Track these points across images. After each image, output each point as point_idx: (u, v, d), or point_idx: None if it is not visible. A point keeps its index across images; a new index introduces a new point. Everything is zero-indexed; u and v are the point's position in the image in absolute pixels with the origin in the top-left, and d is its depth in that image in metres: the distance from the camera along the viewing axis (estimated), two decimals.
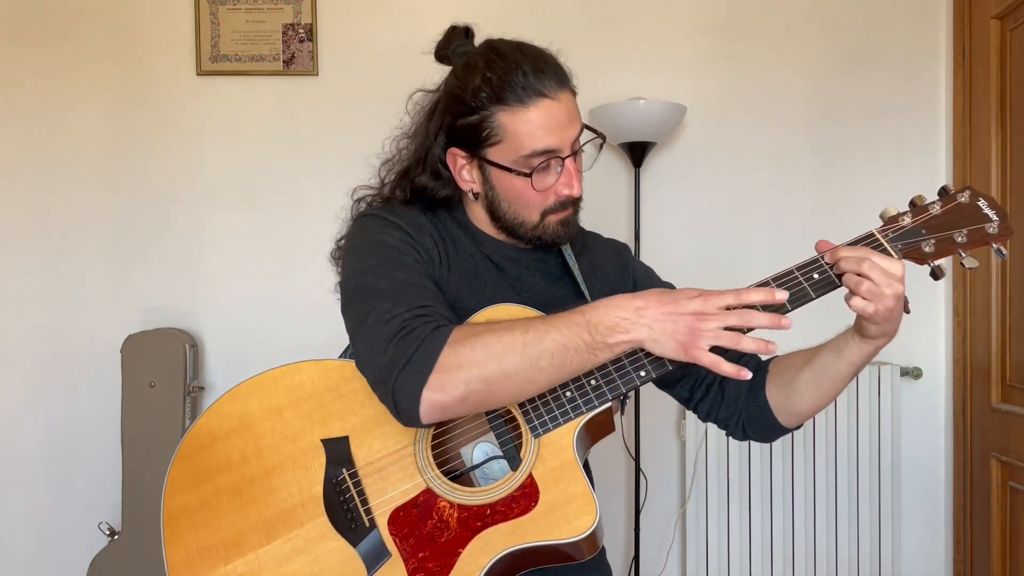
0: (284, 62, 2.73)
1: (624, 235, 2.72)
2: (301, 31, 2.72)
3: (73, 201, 2.73)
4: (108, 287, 2.72)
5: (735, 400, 1.31)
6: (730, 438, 1.37)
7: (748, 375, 1.08)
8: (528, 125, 1.17)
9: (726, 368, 1.07)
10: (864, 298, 1.09)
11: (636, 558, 2.61)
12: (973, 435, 2.60)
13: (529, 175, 1.19)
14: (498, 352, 1.07)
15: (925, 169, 2.72)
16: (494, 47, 1.23)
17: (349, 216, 1.34)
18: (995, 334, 2.48)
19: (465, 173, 1.26)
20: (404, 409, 1.07)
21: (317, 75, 2.74)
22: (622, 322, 1.08)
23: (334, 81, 2.74)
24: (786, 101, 2.74)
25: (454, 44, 1.28)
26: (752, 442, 1.38)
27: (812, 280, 1.13)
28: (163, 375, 2.54)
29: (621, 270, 1.40)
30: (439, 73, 1.33)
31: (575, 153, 1.21)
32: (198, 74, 2.73)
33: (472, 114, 1.19)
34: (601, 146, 1.29)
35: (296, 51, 2.73)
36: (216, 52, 2.73)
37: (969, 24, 2.61)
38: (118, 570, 2.51)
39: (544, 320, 1.10)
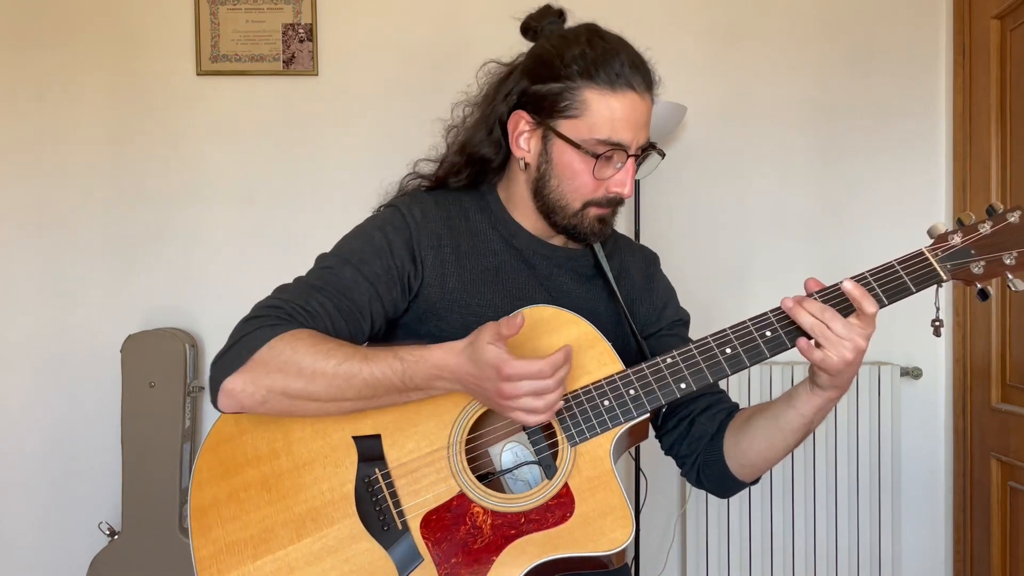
0: (284, 62, 2.73)
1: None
2: (301, 31, 2.72)
3: (73, 201, 2.73)
4: (108, 287, 2.73)
5: (698, 440, 1.28)
6: (687, 480, 1.34)
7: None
8: (611, 111, 1.16)
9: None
10: (821, 346, 1.08)
11: (636, 558, 2.61)
12: (973, 435, 2.60)
13: (596, 156, 1.17)
14: (308, 374, 1.08)
15: (925, 169, 2.72)
16: (597, 30, 1.24)
17: (399, 187, 1.33)
18: (995, 334, 2.48)
19: (523, 140, 1.22)
20: (211, 390, 1.12)
21: (317, 75, 2.73)
22: (435, 380, 1.10)
23: (334, 81, 2.74)
24: (786, 102, 2.74)
25: (547, 20, 1.27)
26: (708, 492, 1.35)
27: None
28: (163, 375, 2.54)
29: (648, 280, 1.37)
30: (439, 75, 1.32)
31: (638, 156, 1.20)
32: (198, 74, 2.73)
33: (556, 81, 1.18)
34: (659, 162, 1.29)
35: (296, 51, 2.73)
36: (216, 52, 2.73)
37: (969, 24, 2.61)
38: (118, 570, 2.51)
39: (363, 356, 1.10)
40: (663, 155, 1.29)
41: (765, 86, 2.73)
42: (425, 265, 1.22)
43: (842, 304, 1.10)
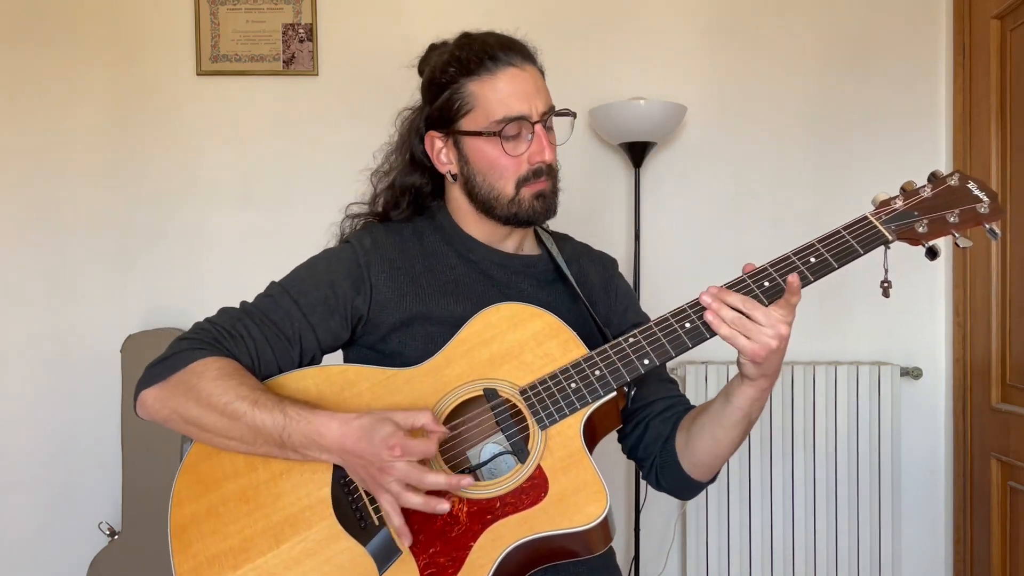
0: (284, 62, 2.73)
1: (624, 235, 2.72)
2: (301, 31, 2.72)
3: (73, 201, 2.73)
4: (108, 287, 2.72)
5: (653, 443, 1.30)
6: (650, 485, 1.35)
7: (444, 508, 1.08)
8: (497, 92, 1.22)
9: (396, 522, 1.10)
10: (746, 336, 1.09)
11: (636, 558, 2.61)
12: (973, 435, 2.60)
13: (498, 135, 1.21)
14: (204, 404, 1.13)
15: (925, 169, 2.67)
16: (465, 33, 1.29)
17: (339, 231, 1.38)
18: (995, 334, 2.48)
19: (443, 156, 1.29)
20: (135, 396, 1.19)
21: (317, 75, 2.74)
22: (313, 446, 1.11)
23: (334, 81, 2.74)
24: (786, 101, 2.74)
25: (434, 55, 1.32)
26: (670, 495, 1.36)
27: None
28: None
29: (605, 283, 1.40)
30: None
31: (544, 122, 1.25)
32: (198, 74, 2.73)
33: (444, 90, 1.25)
34: (573, 123, 1.31)
35: (296, 51, 2.73)
36: (216, 52, 2.73)
37: (969, 24, 2.61)
38: (118, 570, 2.51)
39: (254, 402, 1.12)
40: (575, 115, 1.31)
41: (765, 86, 2.73)
42: (376, 289, 1.25)
43: (772, 290, 1.12)
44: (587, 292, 1.36)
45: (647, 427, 1.31)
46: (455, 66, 1.24)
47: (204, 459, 1.19)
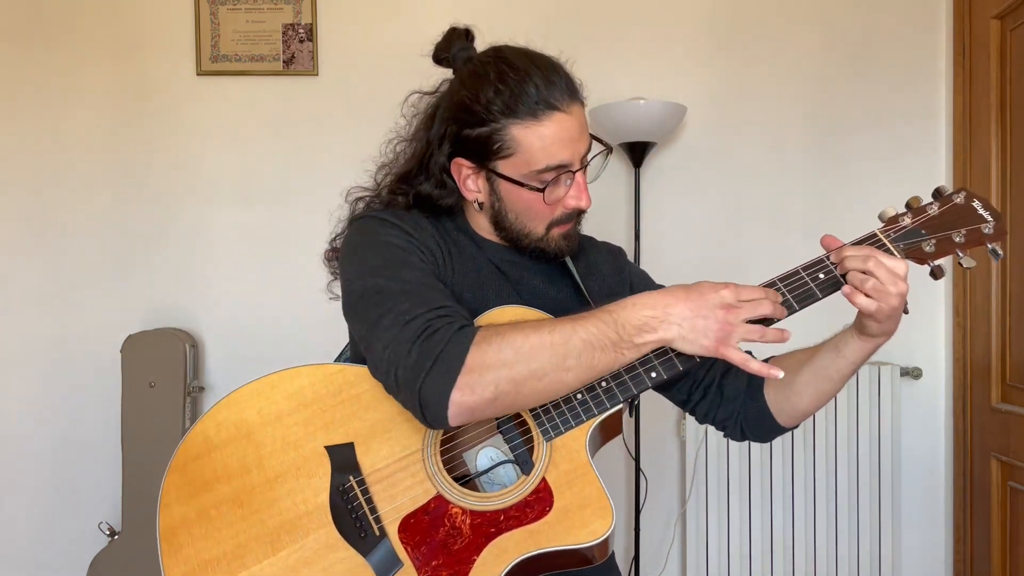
0: (284, 62, 2.73)
1: (624, 235, 2.72)
2: (301, 31, 2.72)
3: (73, 201, 2.73)
4: (108, 287, 2.73)
5: (733, 401, 1.30)
6: (728, 439, 1.36)
7: (779, 374, 1.09)
8: (542, 140, 1.15)
9: (755, 366, 1.08)
10: (868, 295, 1.09)
11: (636, 558, 2.61)
12: (973, 435, 2.60)
13: (541, 190, 1.17)
14: (526, 352, 1.05)
15: (925, 169, 2.72)
16: (503, 56, 1.20)
17: (345, 216, 1.32)
18: (995, 334, 2.48)
19: (471, 183, 1.24)
20: (432, 411, 1.04)
21: (317, 75, 2.74)
22: (651, 320, 1.07)
23: (334, 81, 2.74)
24: (786, 101, 2.74)
25: (455, 47, 1.26)
26: (751, 442, 1.37)
27: (818, 280, 1.13)
28: (163, 375, 2.54)
29: (617, 271, 1.40)
30: (438, 73, 1.32)
31: (584, 167, 1.21)
32: (198, 74, 2.73)
33: (482, 126, 1.17)
34: (608, 156, 1.29)
35: (296, 51, 2.73)
36: (216, 52, 2.73)
37: (969, 24, 2.61)
38: (118, 570, 2.51)
39: (571, 319, 1.08)
40: (611, 149, 1.29)
41: (765, 86, 2.73)
42: (436, 259, 1.22)
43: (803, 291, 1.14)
44: (599, 283, 1.35)
45: (720, 388, 1.31)
46: (498, 104, 1.16)
47: (193, 460, 1.16)
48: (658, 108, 2.48)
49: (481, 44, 1.28)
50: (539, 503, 1.11)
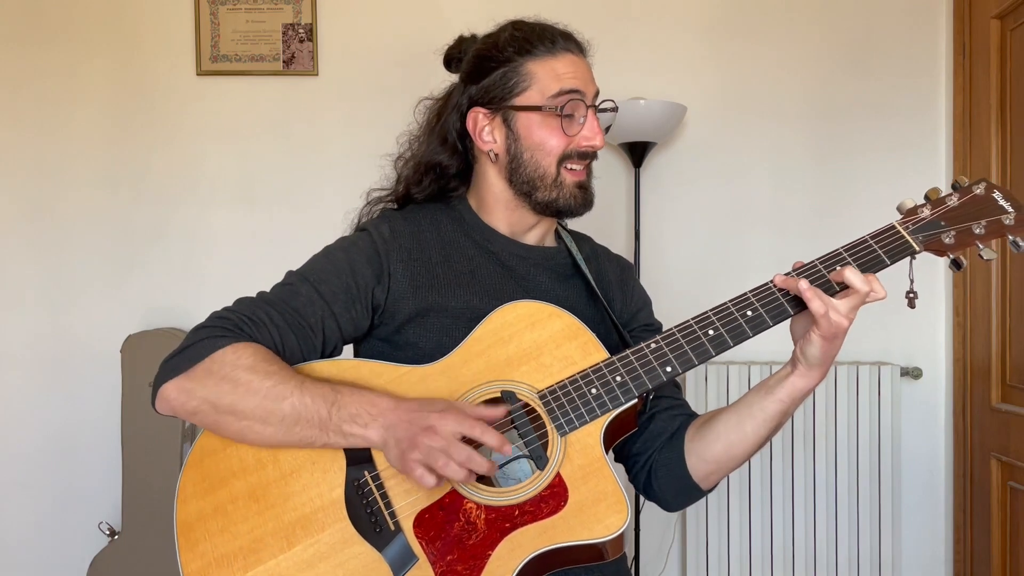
0: (284, 62, 2.73)
1: (624, 235, 2.72)
2: (301, 31, 2.72)
3: (73, 201, 2.73)
4: (108, 287, 2.73)
5: (655, 437, 1.27)
6: (635, 487, 1.33)
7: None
8: (555, 71, 1.23)
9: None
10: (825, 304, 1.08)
11: (636, 558, 2.61)
12: (973, 435, 2.60)
13: (560, 114, 1.22)
14: (241, 391, 1.09)
15: (925, 169, 2.72)
16: (518, 20, 1.29)
17: (358, 218, 1.35)
18: (995, 334, 2.48)
19: (486, 134, 1.27)
20: (153, 392, 1.15)
21: (317, 75, 2.74)
22: (364, 415, 1.09)
23: (334, 81, 2.74)
24: (786, 101, 2.74)
25: (465, 47, 1.31)
26: (655, 501, 1.33)
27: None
28: None
29: (622, 285, 1.39)
30: (438, 75, 1.32)
31: (596, 108, 1.25)
32: (198, 74, 2.73)
33: (499, 67, 1.24)
34: (613, 115, 1.32)
35: (296, 51, 2.73)
36: (216, 52, 2.73)
37: (969, 24, 2.61)
38: (118, 570, 2.51)
39: (304, 382, 1.10)
40: (616, 109, 1.32)
41: (765, 85, 2.73)
42: (394, 279, 1.23)
43: (823, 283, 1.11)
44: (604, 289, 1.35)
45: (651, 419, 1.28)
46: (514, 44, 1.24)
47: (209, 455, 1.16)
48: (658, 108, 2.48)
49: None
50: (554, 498, 1.10)
